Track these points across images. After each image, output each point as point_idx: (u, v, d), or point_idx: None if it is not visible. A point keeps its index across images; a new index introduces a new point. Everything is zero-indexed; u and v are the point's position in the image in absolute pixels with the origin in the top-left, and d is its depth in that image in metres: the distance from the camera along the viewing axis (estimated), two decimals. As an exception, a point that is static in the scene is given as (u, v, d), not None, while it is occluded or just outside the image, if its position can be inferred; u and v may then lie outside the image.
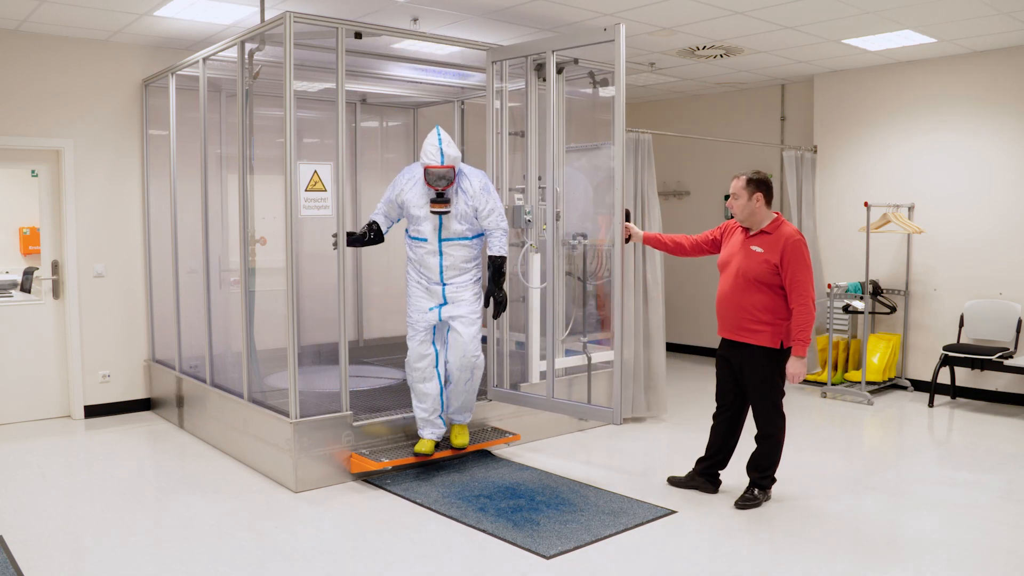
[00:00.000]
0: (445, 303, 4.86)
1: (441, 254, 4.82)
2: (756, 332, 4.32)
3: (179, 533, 4.12)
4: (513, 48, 5.33)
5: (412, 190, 4.81)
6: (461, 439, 5.04)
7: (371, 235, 4.92)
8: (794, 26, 6.06)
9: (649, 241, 4.88)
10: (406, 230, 4.94)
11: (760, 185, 4.34)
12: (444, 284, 4.84)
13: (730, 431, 4.60)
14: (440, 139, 4.61)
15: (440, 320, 4.88)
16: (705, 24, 5.99)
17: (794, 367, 4.24)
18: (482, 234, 4.89)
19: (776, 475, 4.54)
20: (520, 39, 6.28)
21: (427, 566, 3.72)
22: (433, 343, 4.92)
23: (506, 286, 4.90)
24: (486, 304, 4.91)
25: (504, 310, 4.93)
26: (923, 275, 7.36)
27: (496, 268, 4.79)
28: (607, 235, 4.76)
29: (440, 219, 4.76)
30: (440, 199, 4.67)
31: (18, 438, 5.91)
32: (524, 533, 4.03)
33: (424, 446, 4.87)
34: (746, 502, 4.43)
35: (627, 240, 4.78)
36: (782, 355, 4.34)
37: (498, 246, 4.80)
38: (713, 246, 4.66)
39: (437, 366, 4.92)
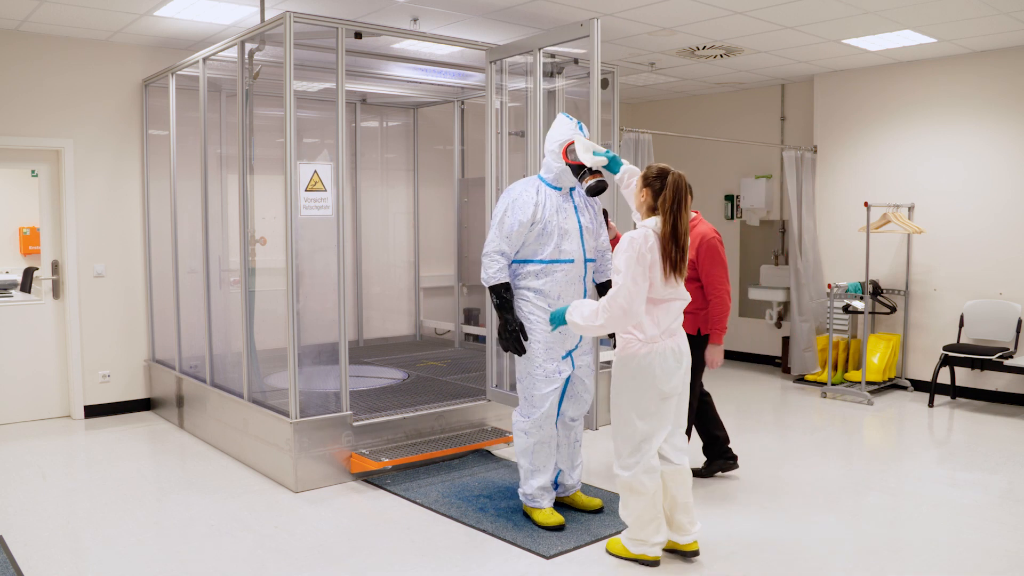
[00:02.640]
0: (576, 348, 4.08)
1: (585, 277, 4.06)
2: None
3: (179, 533, 4.12)
4: (505, 48, 5.33)
5: (548, 199, 3.97)
6: (594, 500, 4.33)
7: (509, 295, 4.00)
8: (794, 26, 6.06)
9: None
10: (518, 262, 4.04)
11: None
12: None
13: (706, 417, 4.89)
14: (569, 116, 4.06)
15: (573, 368, 4.10)
16: (705, 24, 5.99)
17: (711, 353, 4.51)
18: None
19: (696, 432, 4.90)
20: (520, 39, 6.26)
21: (427, 566, 3.72)
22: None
23: None
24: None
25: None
26: (923, 275, 7.36)
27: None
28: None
29: (581, 227, 4.01)
30: (592, 170, 3.92)
31: (18, 438, 5.91)
32: (524, 533, 4.03)
33: (557, 517, 4.09)
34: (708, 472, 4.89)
35: None
36: (698, 340, 4.52)
37: (607, 268, 4.19)
38: None
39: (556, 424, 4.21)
